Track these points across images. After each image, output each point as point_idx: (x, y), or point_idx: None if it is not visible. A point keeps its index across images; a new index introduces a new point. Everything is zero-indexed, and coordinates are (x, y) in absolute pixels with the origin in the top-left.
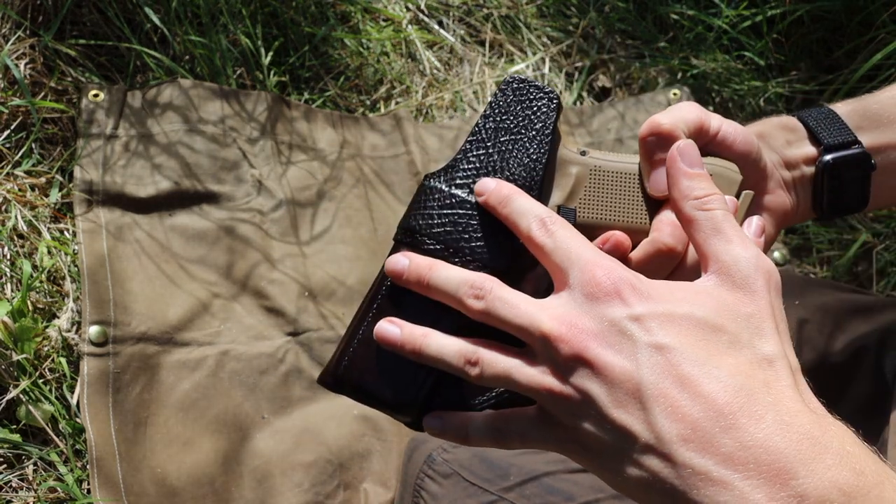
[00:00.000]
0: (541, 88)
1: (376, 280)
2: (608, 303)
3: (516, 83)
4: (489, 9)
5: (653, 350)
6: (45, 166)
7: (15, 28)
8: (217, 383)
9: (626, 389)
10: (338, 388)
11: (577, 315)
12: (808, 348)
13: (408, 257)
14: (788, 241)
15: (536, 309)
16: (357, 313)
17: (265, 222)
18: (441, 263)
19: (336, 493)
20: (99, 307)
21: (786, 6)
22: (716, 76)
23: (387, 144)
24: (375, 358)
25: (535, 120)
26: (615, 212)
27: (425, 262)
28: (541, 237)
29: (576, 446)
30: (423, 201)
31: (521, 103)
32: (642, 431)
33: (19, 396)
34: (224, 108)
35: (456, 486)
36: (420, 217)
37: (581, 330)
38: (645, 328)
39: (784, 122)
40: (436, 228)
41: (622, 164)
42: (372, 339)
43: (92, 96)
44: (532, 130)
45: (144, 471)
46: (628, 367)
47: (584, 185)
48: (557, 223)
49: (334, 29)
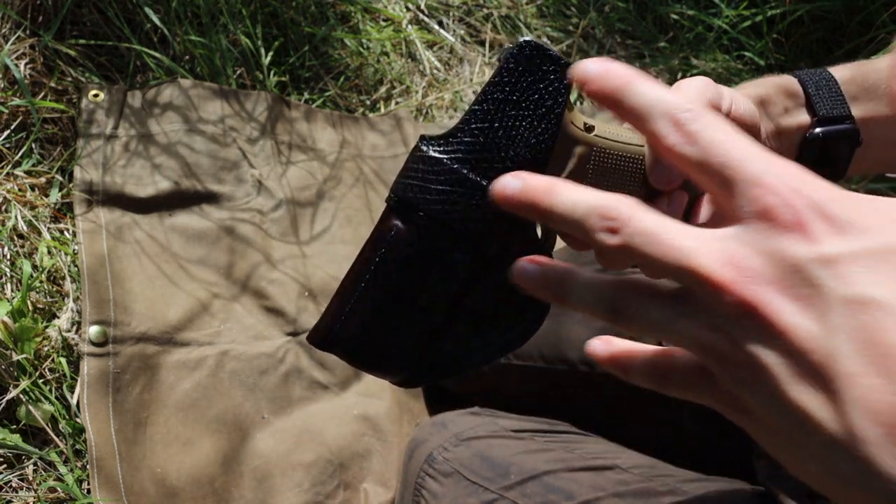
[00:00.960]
0: (556, 60)
1: (371, 241)
2: (789, 237)
3: (529, 49)
4: (489, 9)
5: (851, 307)
6: (45, 166)
7: (15, 28)
8: (217, 383)
9: (812, 362)
10: (329, 348)
11: (747, 254)
12: None
13: (519, 178)
14: None
15: (692, 243)
16: (350, 275)
17: (265, 222)
18: (563, 184)
19: (336, 493)
20: (99, 307)
21: (786, 6)
22: (716, 76)
23: (387, 144)
24: (371, 320)
25: (546, 96)
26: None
27: (543, 185)
28: (680, 145)
29: (744, 418)
30: (421, 171)
31: (532, 74)
32: (830, 422)
33: (19, 396)
34: (224, 108)
35: (457, 484)
36: (417, 189)
37: (752, 275)
38: (839, 275)
39: (786, 86)
40: (434, 205)
41: (630, 146)
42: (367, 304)
43: (92, 96)
44: (542, 108)
45: (144, 471)
46: (815, 332)
47: (587, 167)
48: (701, 119)
49: (334, 29)
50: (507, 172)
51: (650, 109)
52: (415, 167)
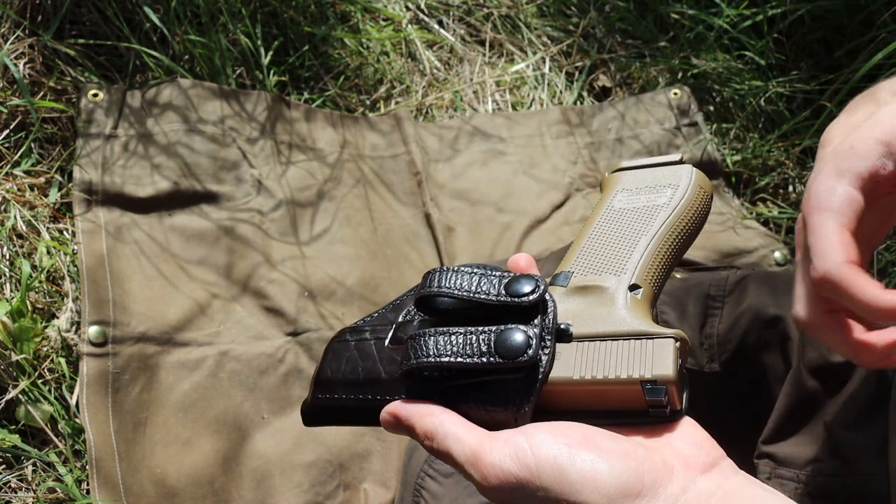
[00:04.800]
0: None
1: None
2: None
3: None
4: (489, 8)
5: None
6: (45, 166)
7: (14, 27)
8: (217, 383)
9: None
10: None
11: None
12: (811, 347)
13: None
14: (789, 241)
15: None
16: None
17: (265, 222)
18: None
19: (336, 493)
20: (98, 307)
21: (786, 6)
22: (716, 76)
23: (387, 144)
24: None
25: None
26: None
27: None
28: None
29: None
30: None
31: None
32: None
33: (18, 397)
34: (224, 108)
35: (457, 484)
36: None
37: None
38: None
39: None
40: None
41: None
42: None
43: (91, 96)
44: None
45: (144, 471)
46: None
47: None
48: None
49: (334, 28)
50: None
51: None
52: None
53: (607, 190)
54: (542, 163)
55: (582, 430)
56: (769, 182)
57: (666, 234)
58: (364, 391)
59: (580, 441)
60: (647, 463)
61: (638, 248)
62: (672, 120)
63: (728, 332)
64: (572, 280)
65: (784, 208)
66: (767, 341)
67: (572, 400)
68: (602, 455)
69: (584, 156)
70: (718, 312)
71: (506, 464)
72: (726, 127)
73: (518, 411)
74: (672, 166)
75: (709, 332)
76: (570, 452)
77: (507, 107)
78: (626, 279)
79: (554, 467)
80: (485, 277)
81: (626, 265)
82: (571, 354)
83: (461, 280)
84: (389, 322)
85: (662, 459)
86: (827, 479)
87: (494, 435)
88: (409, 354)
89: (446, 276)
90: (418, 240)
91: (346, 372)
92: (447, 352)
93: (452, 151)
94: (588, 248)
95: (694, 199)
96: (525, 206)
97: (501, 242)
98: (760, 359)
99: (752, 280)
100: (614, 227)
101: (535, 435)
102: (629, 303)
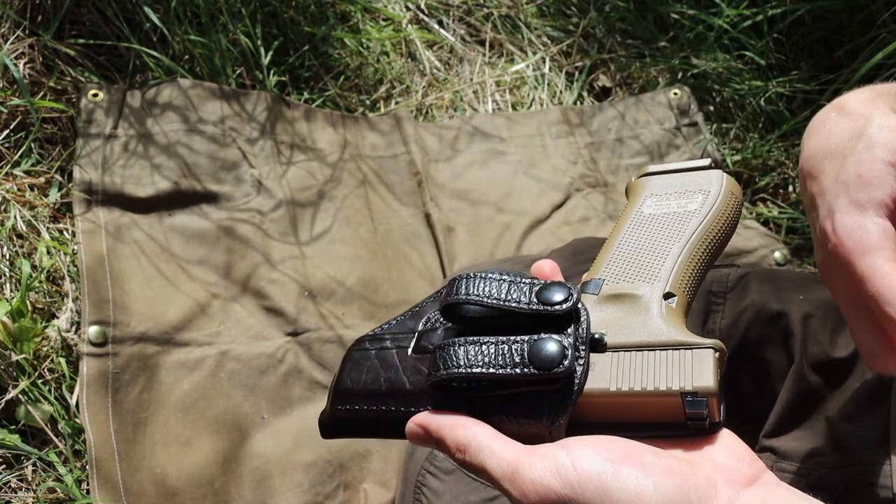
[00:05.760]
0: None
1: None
2: None
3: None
4: (489, 8)
5: None
6: (45, 166)
7: (14, 27)
8: (217, 383)
9: None
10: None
11: None
12: (813, 342)
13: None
14: (789, 241)
15: None
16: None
17: (265, 222)
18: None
19: (336, 493)
20: (98, 307)
21: (786, 6)
22: (716, 76)
23: (387, 144)
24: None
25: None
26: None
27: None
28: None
29: None
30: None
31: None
32: None
33: (18, 397)
34: (224, 108)
35: (458, 481)
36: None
37: None
38: None
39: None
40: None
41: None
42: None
43: (91, 96)
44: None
45: (144, 471)
46: None
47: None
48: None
49: (334, 28)
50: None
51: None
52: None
53: (635, 195)
54: (542, 163)
55: (624, 445)
56: (769, 182)
57: (699, 241)
58: (387, 403)
59: (623, 457)
60: (691, 478)
61: (671, 255)
62: (672, 120)
63: (730, 329)
64: (604, 288)
65: (784, 208)
66: (770, 337)
67: (608, 412)
68: (646, 471)
69: (584, 156)
70: (720, 309)
71: (546, 480)
72: (726, 127)
73: (552, 424)
74: (702, 171)
75: (711, 328)
76: (613, 469)
77: (507, 107)
78: (661, 287)
79: (597, 484)
80: (514, 285)
81: (659, 273)
82: (607, 365)
83: (490, 287)
84: (410, 330)
85: (706, 475)
86: (828, 471)
87: (533, 449)
88: (437, 365)
89: (474, 284)
90: (418, 240)
91: (367, 382)
92: (479, 362)
93: (452, 151)
94: (619, 255)
95: (726, 206)
96: (525, 206)
97: (501, 242)
98: (762, 355)
99: (754, 277)
100: (645, 234)
101: (577, 450)
102: (664, 312)
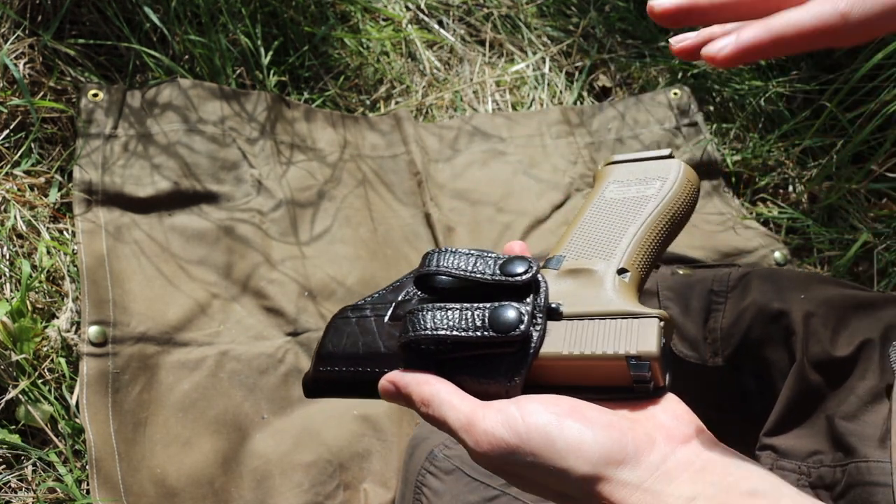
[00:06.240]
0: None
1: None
2: None
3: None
4: (489, 8)
5: None
6: (45, 166)
7: (14, 27)
8: (217, 383)
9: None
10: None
11: None
12: (814, 341)
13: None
14: (789, 241)
15: None
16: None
17: (265, 222)
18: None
19: (336, 493)
20: (98, 307)
21: None
22: (716, 76)
23: (387, 144)
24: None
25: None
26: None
27: None
28: None
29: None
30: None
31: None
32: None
33: (18, 397)
34: (224, 108)
35: (458, 481)
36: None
37: None
38: None
39: None
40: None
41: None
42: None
43: (91, 96)
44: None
45: (144, 471)
46: None
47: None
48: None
49: (334, 28)
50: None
51: None
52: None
53: (600, 181)
54: (542, 163)
55: (570, 402)
56: (769, 182)
57: (654, 223)
58: (364, 364)
59: (568, 411)
60: (630, 433)
61: (627, 235)
62: (672, 120)
63: (731, 327)
64: (564, 263)
65: (784, 208)
66: (771, 336)
67: (561, 375)
68: (588, 424)
69: (584, 156)
70: (722, 307)
71: (498, 430)
72: (726, 127)
73: (509, 384)
74: (662, 160)
75: (712, 326)
76: (558, 421)
77: (507, 107)
78: (615, 263)
79: (543, 435)
80: (480, 258)
81: (615, 250)
82: (561, 332)
83: (458, 260)
84: (389, 301)
85: (645, 431)
86: (828, 469)
87: (488, 404)
88: (406, 328)
89: (444, 257)
90: (418, 240)
91: (346, 346)
92: (443, 325)
93: (452, 151)
94: (580, 235)
95: (681, 192)
96: (525, 206)
97: (501, 242)
98: (764, 353)
99: (756, 276)
100: (605, 216)
101: (527, 405)
102: (617, 285)
